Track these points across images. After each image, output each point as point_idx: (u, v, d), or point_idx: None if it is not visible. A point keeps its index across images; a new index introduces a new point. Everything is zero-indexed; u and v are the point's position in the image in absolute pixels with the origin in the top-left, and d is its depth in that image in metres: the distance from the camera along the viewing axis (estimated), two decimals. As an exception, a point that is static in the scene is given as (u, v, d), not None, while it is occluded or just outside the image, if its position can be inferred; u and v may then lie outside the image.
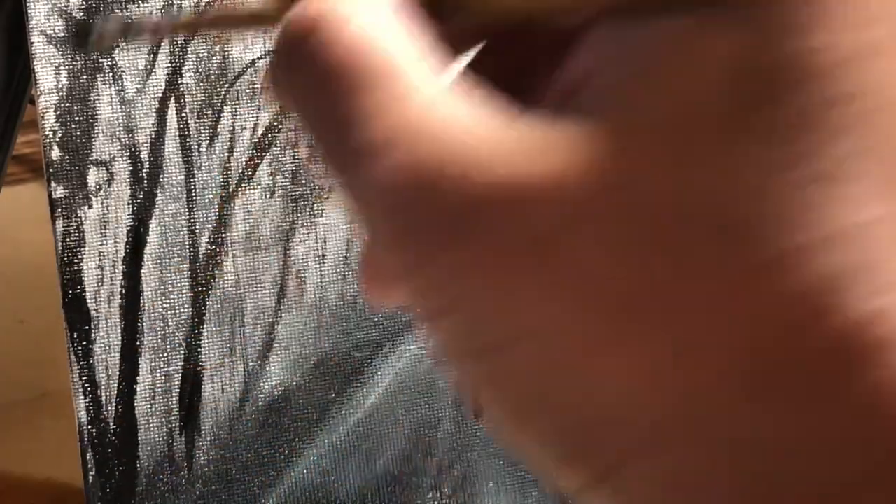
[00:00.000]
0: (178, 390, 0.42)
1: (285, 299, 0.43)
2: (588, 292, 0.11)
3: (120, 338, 0.42)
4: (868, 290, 0.10)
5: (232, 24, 0.17)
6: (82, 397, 0.41)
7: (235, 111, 0.43)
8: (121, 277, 0.42)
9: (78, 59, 0.42)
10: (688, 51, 0.11)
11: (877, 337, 0.09)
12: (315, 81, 0.13)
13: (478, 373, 0.12)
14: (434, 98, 0.12)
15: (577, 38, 0.12)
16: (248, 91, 0.43)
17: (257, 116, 0.43)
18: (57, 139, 0.42)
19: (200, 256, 0.43)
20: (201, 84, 0.43)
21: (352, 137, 0.12)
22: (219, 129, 0.43)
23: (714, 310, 0.10)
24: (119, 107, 0.43)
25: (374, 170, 0.12)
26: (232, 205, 0.43)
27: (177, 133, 0.43)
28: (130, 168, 0.42)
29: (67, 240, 0.42)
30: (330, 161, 0.13)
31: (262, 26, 0.15)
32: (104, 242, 0.42)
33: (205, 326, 0.42)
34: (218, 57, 0.43)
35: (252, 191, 0.43)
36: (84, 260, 0.42)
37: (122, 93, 0.43)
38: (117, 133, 0.42)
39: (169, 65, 0.43)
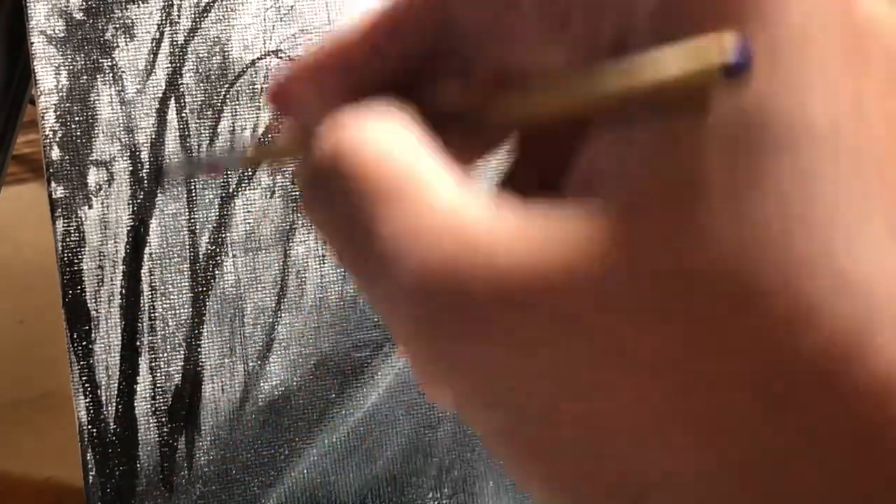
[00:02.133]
0: (177, 390, 0.42)
1: (285, 299, 0.43)
2: (620, 363, 0.11)
3: (120, 338, 0.42)
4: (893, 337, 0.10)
5: (272, 156, 0.19)
6: (82, 397, 0.41)
7: (235, 111, 0.43)
8: (121, 277, 0.42)
9: (78, 58, 0.42)
10: (680, 127, 0.11)
11: None
12: (341, 197, 0.14)
13: (508, 451, 0.13)
14: (452, 201, 0.13)
15: (584, 139, 0.13)
16: (248, 91, 0.43)
17: (257, 116, 0.43)
18: (57, 139, 0.42)
19: (200, 256, 0.43)
20: (201, 84, 0.43)
21: (377, 244, 0.13)
22: (219, 129, 0.43)
23: (737, 370, 0.10)
24: (119, 107, 0.43)
25: (398, 271, 0.13)
26: (232, 205, 0.43)
27: (177, 133, 0.43)
28: (130, 168, 0.42)
29: (67, 240, 0.42)
30: (357, 270, 0.14)
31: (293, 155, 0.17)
32: (104, 242, 0.42)
33: (205, 326, 0.42)
34: (218, 57, 0.43)
35: (252, 191, 0.43)
36: (84, 260, 0.42)
37: (122, 93, 0.43)
38: (117, 133, 0.42)
39: (169, 65, 0.43)
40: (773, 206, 0.10)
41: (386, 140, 0.14)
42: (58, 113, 0.42)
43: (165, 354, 0.42)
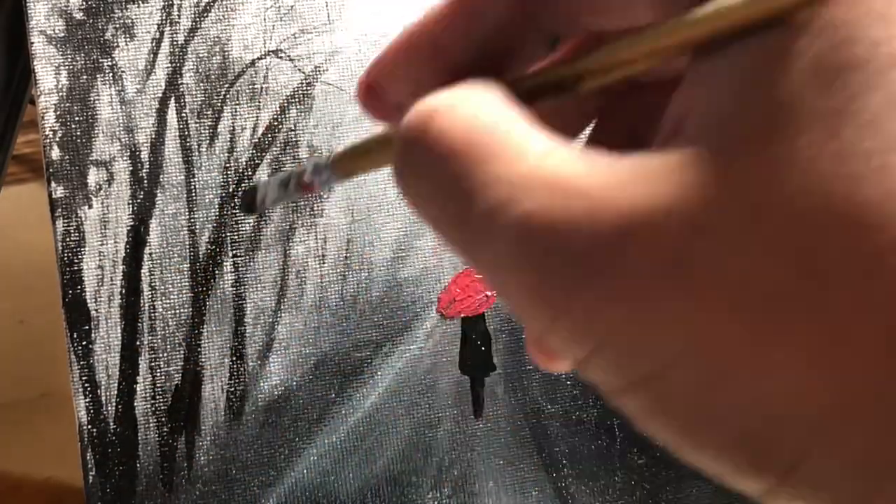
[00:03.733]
0: (177, 390, 0.42)
1: (285, 299, 0.43)
2: (733, 300, 0.11)
3: (120, 338, 0.42)
4: None
5: (365, 153, 0.18)
6: (82, 397, 0.41)
7: (235, 111, 0.43)
8: (121, 277, 0.42)
9: (78, 58, 0.42)
10: (770, 61, 0.11)
11: None
12: (434, 163, 0.14)
13: (639, 404, 0.13)
14: (546, 153, 0.13)
15: (673, 87, 0.13)
16: (248, 91, 0.43)
17: (257, 116, 0.43)
18: (57, 139, 0.42)
19: (200, 256, 0.43)
20: (201, 84, 0.43)
21: (478, 203, 0.13)
22: (219, 129, 0.43)
23: (857, 295, 0.10)
24: (119, 107, 0.43)
25: (502, 226, 0.13)
26: (232, 205, 0.43)
27: (177, 133, 0.43)
28: (130, 168, 0.42)
29: (67, 240, 0.42)
30: (457, 237, 0.14)
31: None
32: (104, 242, 0.42)
33: (205, 326, 0.42)
34: (218, 57, 0.43)
35: (252, 191, 0.43)
36: (84, 260, 0.42)
37: (122, 93, 0.43)
38: (117, 133, 0.42)
39: (169, 65, 0.43)
40: (872, 139, 0.10)
41: (475, 102, 0.14)
42: (58, 113, 0.42)
43: (165, 354, 0.42)
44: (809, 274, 0.11)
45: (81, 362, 0.41)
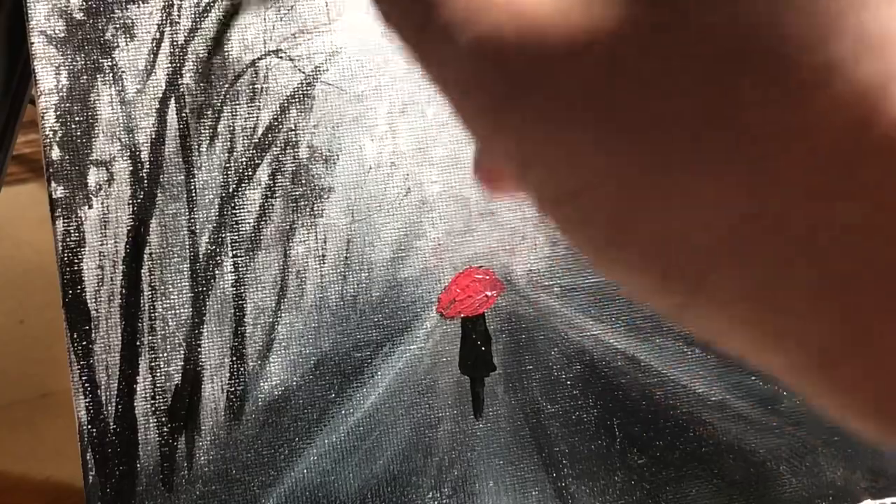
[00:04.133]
0: (177, 390, 0.42)
1: (285, 299, 0.43)
2: (654, 126, 0.11)
3: (120, 338, 0.42)
4: None
5: None
6: (82, 397, 0.41)
7: (235, 111, 0.43)
8: (121, 277, 0.42)
9: (78, 58, 0.42)
10: None
11: None
12: None
13: (566, 217, 0.13)
14: None
15: None
16: (247, 91, 0.43)
17: (257, 116, 0.43)
18: (57, 139, 0.42)
19: (200, 256, 0.43)
20: (201, 84, 0.43)
21: (441, 14, 0.14)
22: (219, 129, 0.43)
23: (777, 118, 0.11)
24: (119, 107, 0.43)
25: (457, 44, 0.13)
26: (232, 205, 0.43)
27: (177, 133, 0.43)
28: (130, 168, 0.42)
29: (67, 240, 0.42)
30: (418, 47, 0.15)
31: None
32: (104, 242, 0.42)
33: (205, 326, 0.42)
34: (218, 57, 0.43)
35: (252, 191, 0.43)
36: (84, 260, 0.42)
37: (122, 93, 0.43)
38: (117, 133, 0.42)
39: (169, 65, 0.43)
40: None
41: None
42: (58, 113, 0.42)
43: (165, 354, 0.42)
44: (733, 102, 0.11)
45: (81, 362, 0.41)
